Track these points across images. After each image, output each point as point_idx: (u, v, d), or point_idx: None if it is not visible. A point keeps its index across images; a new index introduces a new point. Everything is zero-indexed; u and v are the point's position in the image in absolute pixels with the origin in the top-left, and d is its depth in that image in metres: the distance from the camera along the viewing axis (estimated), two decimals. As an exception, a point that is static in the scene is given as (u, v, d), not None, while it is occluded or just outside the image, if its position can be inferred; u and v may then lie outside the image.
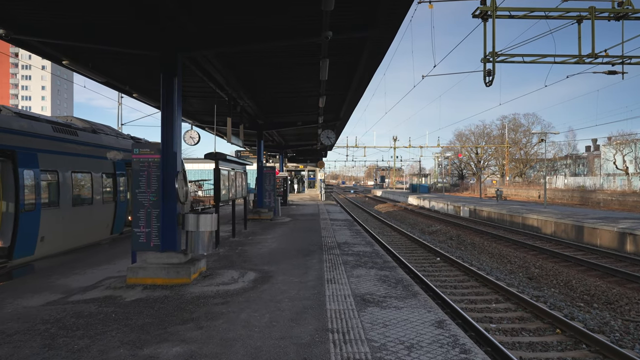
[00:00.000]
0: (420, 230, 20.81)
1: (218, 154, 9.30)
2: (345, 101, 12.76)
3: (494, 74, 13.47)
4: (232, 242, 10.73)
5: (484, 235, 17.28)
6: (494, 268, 11.68)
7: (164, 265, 6.09)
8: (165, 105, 6.38)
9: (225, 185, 10.24)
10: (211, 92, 10.91)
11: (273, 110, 14.78)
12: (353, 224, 15.24)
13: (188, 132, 16.45)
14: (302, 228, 13.69)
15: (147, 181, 6.40)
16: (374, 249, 9.38)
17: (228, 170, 10.47)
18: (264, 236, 11.79)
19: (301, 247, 9.62)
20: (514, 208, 23.19)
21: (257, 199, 16.37)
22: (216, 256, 8.73)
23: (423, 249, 14.51)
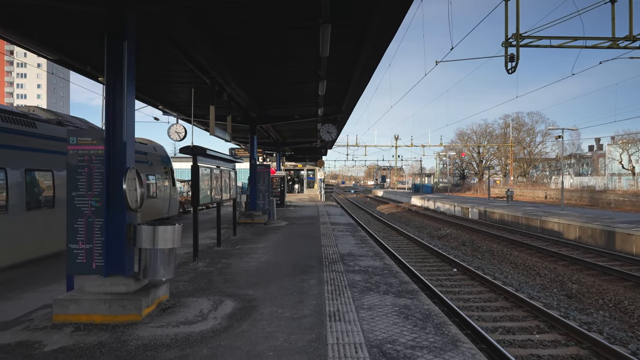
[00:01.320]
0: (428, 234, 19.18)
1: (196, 147, 7.66)
2: (349, 89, 11.11)
3: (517, 59, 11.84)
4: (216, 252, 9.08)
5: (501, 241, 15.64)
6: (522, 282, 10.05)
7: (106, 297, 4.44)
8: (113, 76, 4.74)
9: (208, 186, 8.61)
10: (200, 80, 9.30)
11: (267, 101, 13.13)
12: (357, 229, 13.60)
13: (173, 127, 14.82)
14: (300, 234, 12.05)
15: (88, 181, 4.76)
16: (384, 263, 7.73)
17: (211, 168, 8.84)
18: (254, 245, 10.15)
19: (297, 261, 7.98)
20: (528, 210, 21.57)
21: (250, 201, 14.73)
22: (193, 272, 7.09)
23: (435, 258, 12.87)
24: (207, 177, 8.55)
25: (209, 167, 8.70)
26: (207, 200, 8.46)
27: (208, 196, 8.58)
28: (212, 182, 8.90)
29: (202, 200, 8.17)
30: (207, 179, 8.55)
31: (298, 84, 10.60)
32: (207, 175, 8.52)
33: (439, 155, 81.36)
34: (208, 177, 8.58)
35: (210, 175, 8.73)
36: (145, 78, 9.67)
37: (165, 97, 11.90)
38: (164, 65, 8.85)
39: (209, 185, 8.64)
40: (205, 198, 8.38)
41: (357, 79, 9.90)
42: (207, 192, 8.55)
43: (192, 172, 7.76)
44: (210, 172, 8.70)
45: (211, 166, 8.94)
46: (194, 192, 7.78)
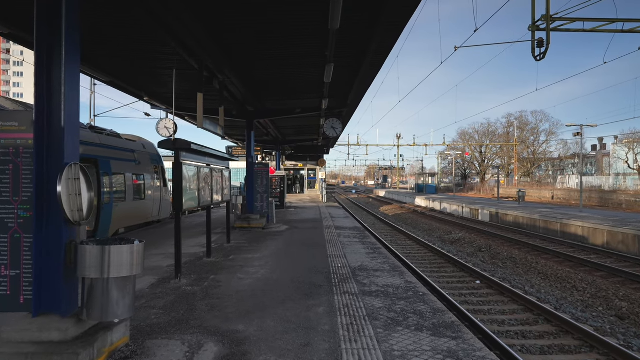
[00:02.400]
0: (439, 238, 17.85)
1: (178, 141, 6.33)
2: (358, 74, 9.76)
3: (548, 44, 10.51)
4: (205, 265, 7.75)
5: (521, 247, 14.31)
6: (560, 298, 8.72)
7: (29, 348, 3.10)
8: (45, 31, 3.39)
9: (194, 187, 7.28)
10: (186, 65, 7.97)
11: (265, 91, 11.80)
12: (364, 234, 12.26)
13: (162, 122, 13.48)
14: (302, 241, 10.72)
15: (14, 182, 3.42)
16: (406, 281, 6.40)
17: (199, 166, 7.51)
18: (250, 254, 8.81)
19: (300, 277, 6.64)
20: (544, 212, 20.25)
21: (247, 203, 13.40)
22: (172, 295, 5.76)
23: (452, 266, 11.55)
24: (194, 176, 7.22)
25: (197, 165, 7.36)
26: (192, 204, 7.13)
27: (194, 199, 7.24)
28: (200, 183, 7.57)
29: (187, 205, 6.84)
30: (194, 179, 7.22)
31: (302, 69, 9.25)
32: (193, 175, 7.18)
33: (441, 154, 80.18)
34: (194, 176, 7.25)
35: (198, 175, 7.39)
36: (124, 61, 8.34)
37: (150, 86, 10.58)
38: (144, 45, 7.52)
39: (195, 187, 7.30)
40: (191, 201, 7.05)
41: (369, 62, 8.56)
42: (194, 195, 7.22)
43: (174, 170, 6.42)
44: (197, 171, 7.37)
45: (199, 164, 7.61)
46: (176, 195, 6.45)
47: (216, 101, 10.08)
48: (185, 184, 6.75)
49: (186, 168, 6.72)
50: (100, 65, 8.61)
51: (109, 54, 7.97)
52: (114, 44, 7.57)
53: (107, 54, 7.90)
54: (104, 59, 8.32)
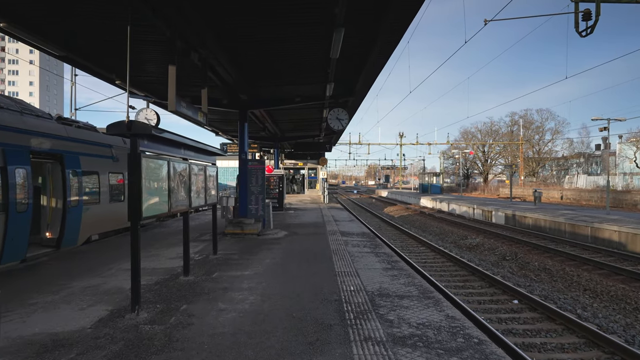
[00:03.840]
0: (453, 243, 16.13)
1: (135, 124, 4.60)
2: (371, 53, 8.02)
3: (597, 16, 8.79)
4: (179, 287, 6.02)
5: (553, 255, 12.59)
6: (626, 326, 6.99)
7: None
8: None
9: (164, 187, 5.56)
10: (163, 39, 6.26)
11: (260, 75, 10.06)
12: (375, 242, 10.54)
13: (143, 112, 11.79)
14: (304, 252, 9.00)
15: None
16: (447, 316, 4.68)
17: (170, 160, 5.79)
18: (239, 271, 7.09)
19: (301, 310, 4.92)
20: (567, 214, 18.52)
21: (239, 206, 11.68)
22: (121, 341, 4.04)
23: (479, 279, 9.85)
24: (162, 173, 5.50)
25: (166, 159, 5.64)
26: (160, 210, 5.39)
27: (163, 203, 5.52)
28: (173, 182, 5.85)
29: (151, 210, 5.11)
30: (162, 176, 5.50)
31: (304, 41, 7.48)
32: (161, 171, 5.46)
33: (443, 154, 78.56)
34: (163, 173, 5.52)
35: (169, 172, 5.67)
36: (73, 26, 6.60)
37: (121, 66, 8.83)
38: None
39: (165, 187, 5.58)
40: (157, 206, 5.31)
41: (384, 35, 6.83)
42: (162, 197, 5.49)
43: (130, 164, 4.70)
44: (168, 167, 5.64)
45: (171, 157, 5.89)
46: (133, 198, 4.72)
47: (193, 75, 8.31)
48: (149, 182, 5.04)
49: (148, 162, 4.99)
50: (44, 31, 6.85)
51: (51, 15, 6.22)
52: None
53: (45, 14, 6.17)
54: (48, 23, 6.58)
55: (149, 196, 5.06)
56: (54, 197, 9.79)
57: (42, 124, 9.12)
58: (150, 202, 5.07)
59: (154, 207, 5.24)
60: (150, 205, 5.09)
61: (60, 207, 9.63)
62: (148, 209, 5.02)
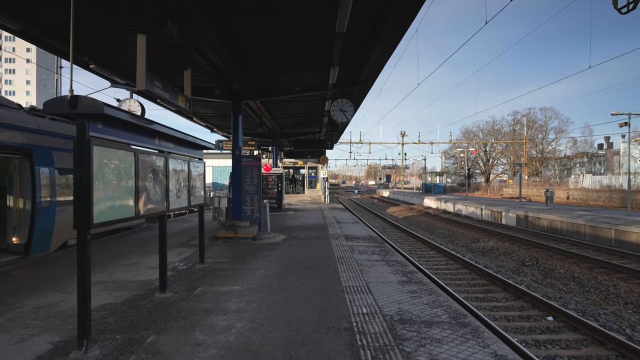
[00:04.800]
0: (465, 247, 15.00)
1: (82, 101, 3.46)
2: (381, 32, 6.88)
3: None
4: (151, 309, 4.88)
5: (579, 261, 11.44)
6: (690, 351, 5.86)
7: None
8: None
9: (128, 186, 4.43)
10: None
11: (255, 56, 8.91)
12: (384, 248, 9.41)
13: (126, 102, 10.69)
14: (304, 259, 7.85)
15: None
16: (494, 355, 3.54)
17: (138, 151, 4.65)
18: (227, 285, 5.95)
19: (303, 347, 3.77)
20: (585, 215, 17.38)
21: (233, 207, 10.54)
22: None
23: (501, 290, 8.73)
24: (125, 168, 4.35)
25: (131, 150, 4.50)
26: (120, 215, 4.24)
27: (128, 206, 4.37)
28: (141, 180, 4.71)
29: (107, 215, 3.96)
30: (125, 172, 4.36)
31: (305, 11, 6.32)
32: (123, 165, 4.32)
33: (444, 153, 77.47)
34: (127, 168, 4.38)
35: (136, 167, 4.53)
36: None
37: (94, 45, 7.69)
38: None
39: (129, 186, 4.44)
40: (117, 210, 4.17)
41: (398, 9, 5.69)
42: (127, 199, 4.35)
43: (75, 154, 3.57)
44: (135, 160, 4.50)
45: (140, 148, 4.74)
46: (79, 199, 3.59)
47: (175, 54, 7.16)
48: (105, 179, 3.90)
49: (103, 152, 3.86)
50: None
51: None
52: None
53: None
54: None
55: (106, 197, 3.92)
56: (22, 198, 8.66)
57: (8, 114, 7.99)
58: (107, 204, 3.93)
59: (114, 211, 4.09)
60: (108, 208, 3.95)
61: (28, 209, 8.50)
62: (104, 213, 3.88)
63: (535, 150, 69.22)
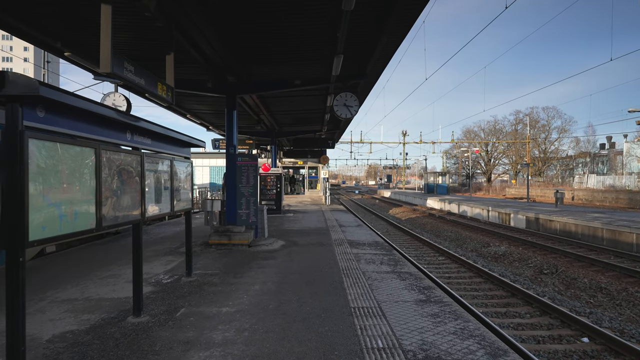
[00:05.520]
0: (475, 251, 14.14)
1: (9, 77, 2.59)
2: (393, 10, 6.00)
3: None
4: (116, 342, 3.98)
5: (603, 269, 10.57)
6: None
7: None
8: None
9: (86, 190, 3.55)
10: None
11: (251, 43, 8.04)
12: (393, 256, 8.54)
13: (110, 97, 9.81)
14: (304, 271, 6.97)
15: None
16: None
17: (97, 148, 3.77)
18: (215, 306, 5.07)
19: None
20: (599, 218, 16.51)
21: (227, 210, 9.67)
22: None
23: (523, 303, 7.87)
24: (85, 169, 3.48)
25: (96, 147, 3.63)
26: (74, 227, 3.35)
27: (86, 214, 3.50)
28: (110, 182, 3.84)
29: (53, 228, 3.08)
30: (85, 173, 3.48)
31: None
32: (84, 166, 3.45)
33: (446, 153, 76.65)
34: (87, 169, 3.51)
35: (98, 167, 3.65)
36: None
37: (71, 33, 6.80)
38: None
39: (92, 190, 3.57)
40: (70, 220, 3.29)
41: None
42: (84, 206, 3.48)
43: (4, 150, 2.70)
44: (96, 158, 3.62)
45: (109, 143, 3.87)
46: (9, 208, 2.71)
47: (150, 32, 6.27)
48: (50, 181, 3.03)
49: (47, 147, 2.98)
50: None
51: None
52: None
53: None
54: None
55: (51, 204, 3.04)
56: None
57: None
58: (52, 214, 3.05)
59: (65, 223, 3.22)
60: (53, 219, 3.07)
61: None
62: (48, 226, 3.00)
63: (537, 150, 68.51)
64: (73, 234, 3.34)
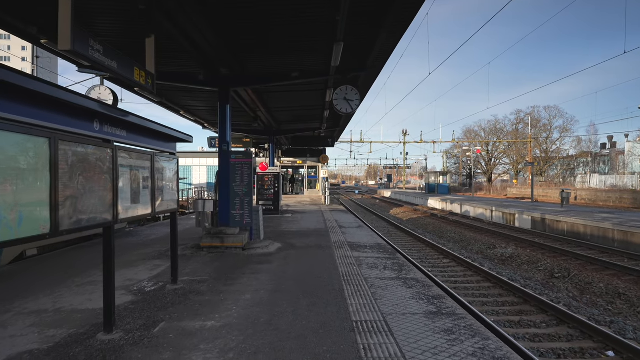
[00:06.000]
0: (481, 253, 13.55)
1: None
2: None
3: None
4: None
5: (618, 273, 9.98)
6: None
7: None
8: None
9: (46, 190, 2.97)
10: None
11: (244, 28, 7.45)
12: (396, 259, 7.97)
13: (95, 90, 9.24)
14: (301, 279, 6.39)
15: None
16: None
17: (52, 138, 3.18)
18: (199, 320, 4.48)
19: None
20: (608, 218, 15.93)
21: (219, 211, 9.08)
22: None
23: (537, 310, 7.30)
24: (35, 163, 2.90)
25: (50, 137, 3.05)
26: (18, 233, 2.78)
27: (35, 221, 2.92)
28: (67, 182, 3.26)
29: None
30: (37, 169, 2.91)
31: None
32: (28, 161, 2.87)
33: (446, 153, 76.11)
34: (38, 164, 2.93)
35: (52, 161, 3.07)
36: None
37: (48, 16, 6.21)
38: None
39: (45, 189, 2.99)
40: (12, 227, 2.71)
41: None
42: (33, 210, 2.90)
43: None
44: (50, 150, 3.04)
45: (70, 134, 3.29)
46: None
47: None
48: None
49: None
50: None
51: None
52: None
53: None
54: None
55: None
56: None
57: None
58: None
59: (3, 227, 2.63)
60: None
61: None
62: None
63: (539, 150, 68.02)
64: (15, 241, 2.75)
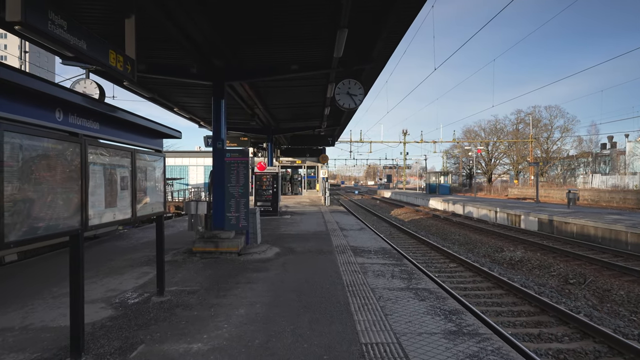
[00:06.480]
0: (488, 257, 12.98)
1: None
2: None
3: None
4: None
5: (635, 277, 9.41)
6: None
7: None
8: None
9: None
10: None
11: (240, 15, 6.85)
12: (403, 266, 7.38)
13: (80, 84, 8.64)
14: (301, 289, 5.79)
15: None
16: None
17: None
18: (184, 342, 3.88)
19: None
20: (622, 220, 15.36)
21: (213, 213, 8.48)
22: None
23: (557, 322, 6.74)
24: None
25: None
26: None
27: None
28: (21, 182, 2.66)
29: None
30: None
31: None
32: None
33: (446, 153, 75.57)
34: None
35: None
36: None
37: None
38: None
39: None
40: None
41: None
42: None
43: None
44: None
45: (9, 118, 2.70)
46: None
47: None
48: None
49: None
50: None
51: None
52: None
53: None
54: None
55: None
56: None
57: None
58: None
59: None
60: None
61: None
62: None
63: (540, 150, 67.59)
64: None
